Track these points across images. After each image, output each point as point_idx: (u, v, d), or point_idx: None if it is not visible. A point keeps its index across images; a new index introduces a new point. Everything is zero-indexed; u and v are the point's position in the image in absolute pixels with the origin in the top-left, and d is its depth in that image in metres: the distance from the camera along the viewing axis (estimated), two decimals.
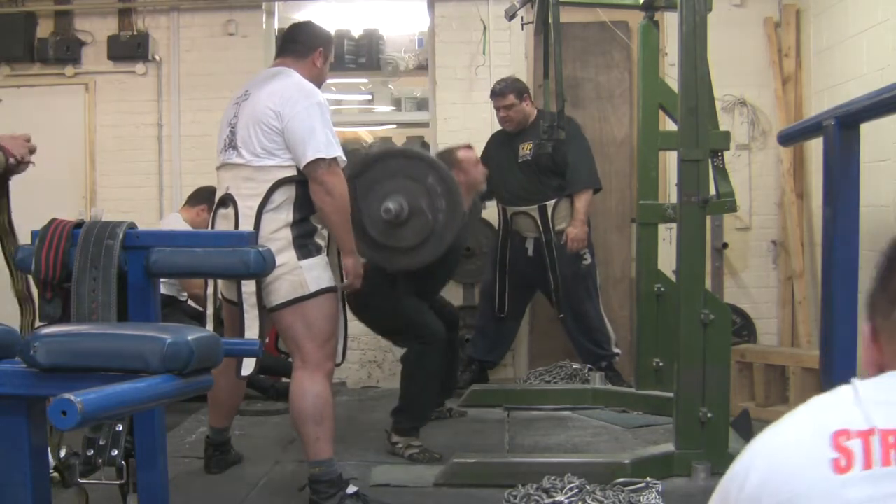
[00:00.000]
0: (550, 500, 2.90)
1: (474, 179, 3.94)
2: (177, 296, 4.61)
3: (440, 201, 3.29)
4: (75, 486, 1.89)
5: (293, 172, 2.93)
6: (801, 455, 0.75)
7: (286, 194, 2.94)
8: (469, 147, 4.07)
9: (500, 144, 4.79)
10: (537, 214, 4.67)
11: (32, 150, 2.17)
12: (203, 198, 4.46)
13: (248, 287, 2.90)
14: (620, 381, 4.68)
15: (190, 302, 4.66)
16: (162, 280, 4.37)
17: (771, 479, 0.76)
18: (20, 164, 2.10)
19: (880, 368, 0.88)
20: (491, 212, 5.10)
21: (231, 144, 3.02)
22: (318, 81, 3.15)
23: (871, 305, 0.91)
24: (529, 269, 4.74)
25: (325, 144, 2.89)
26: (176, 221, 4.60)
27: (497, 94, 4.68)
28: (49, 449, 1.80)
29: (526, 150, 4.67)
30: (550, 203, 4.65)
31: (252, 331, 2.88)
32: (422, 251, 3.35)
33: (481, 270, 5.01)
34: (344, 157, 2.98)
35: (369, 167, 3.38)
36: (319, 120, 2.91)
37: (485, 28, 5.18)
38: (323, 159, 2.88)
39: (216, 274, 2.75)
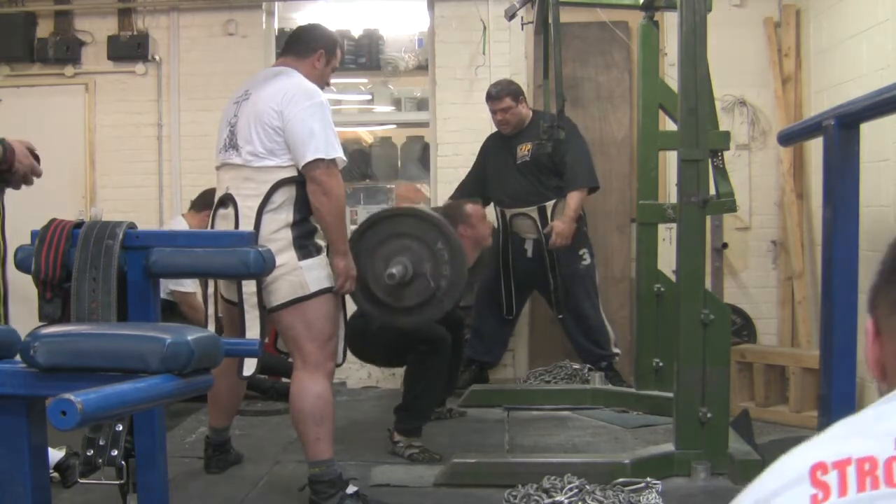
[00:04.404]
0: (550, 500, 2.90)
1: (481, 234, 4.04)
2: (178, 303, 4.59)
3: (445, 268, 3.27)
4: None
5: (293, 173, 2.93)
6: (783, 496, 0.74)
7: (286, 195, 2.93)
8: (477, 202, 4.19)
9: (497, 147, 4.78)
10: (537, 215, 4.67)
11: (37, 173, 2.15)
12: (208, 202, 4.43)
13: (249, 287, 2.89)
14: (620, 381, 4.68)
15: None
16: (168, 289, 4.41)
17: None
18: (13, 172, 2.08)
19: (882, 367, 0.87)
20: (489, 214, 5.09)
21: (231, 144, 3.01)
22: (320, 83, 3.12)
23: (873, 300, 0.88)
24: (529, 270, 4.73)
25: (324, 145, 2.88)
26: (179, 225, 4.57)
27: (493, 97, 4.67)
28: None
29: (524, 151, 4.66)
30: (550, 204, 4.65)
31: (253, 331, 2.88)
32: (420, 313, 3.33)
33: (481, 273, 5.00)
34: (344, 158, 2.98)
35: (378, 223, 3.35)
36: (320, 120, 2.91)
37: (485, 28, 5.18)
38: (322, 160, 2.88)
39: (216, 274, 2.75)
